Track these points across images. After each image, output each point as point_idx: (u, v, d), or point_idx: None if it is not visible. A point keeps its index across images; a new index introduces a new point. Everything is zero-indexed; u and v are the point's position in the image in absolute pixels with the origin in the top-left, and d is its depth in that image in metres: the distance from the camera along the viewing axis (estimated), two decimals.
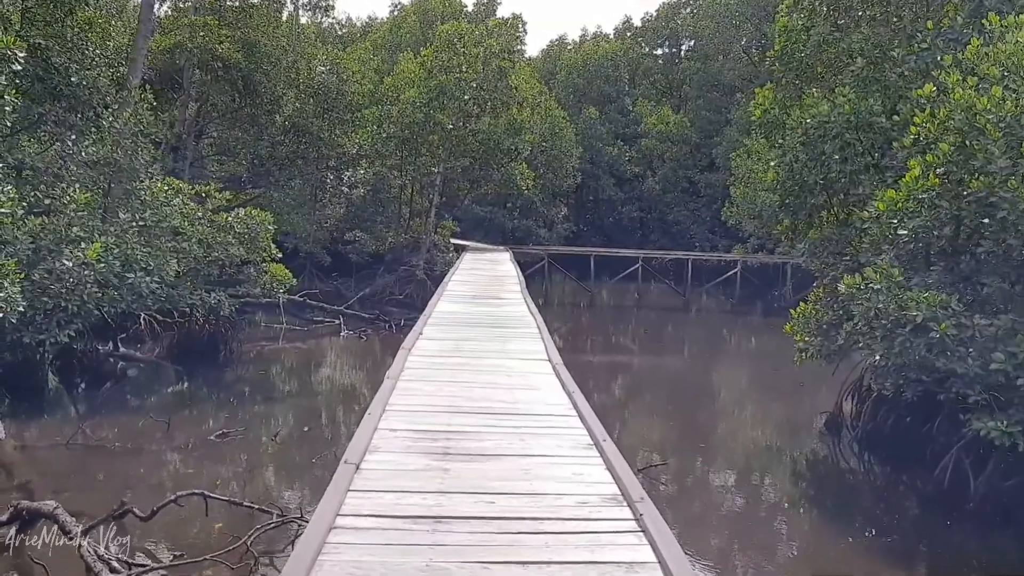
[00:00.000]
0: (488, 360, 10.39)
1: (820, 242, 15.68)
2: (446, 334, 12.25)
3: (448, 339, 11.86)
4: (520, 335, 12.39)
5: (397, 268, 32.68)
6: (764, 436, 16.91)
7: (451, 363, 10.08)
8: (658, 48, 60.10)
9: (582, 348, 28.97)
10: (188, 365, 19.96)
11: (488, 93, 31.28)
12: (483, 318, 14.12)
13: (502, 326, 13.32)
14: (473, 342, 11.73)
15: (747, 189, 39.97)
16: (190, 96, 29.21)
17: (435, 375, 9.24)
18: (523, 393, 8.57)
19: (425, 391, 8.38)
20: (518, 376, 9.47)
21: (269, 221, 21.47)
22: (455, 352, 10.87)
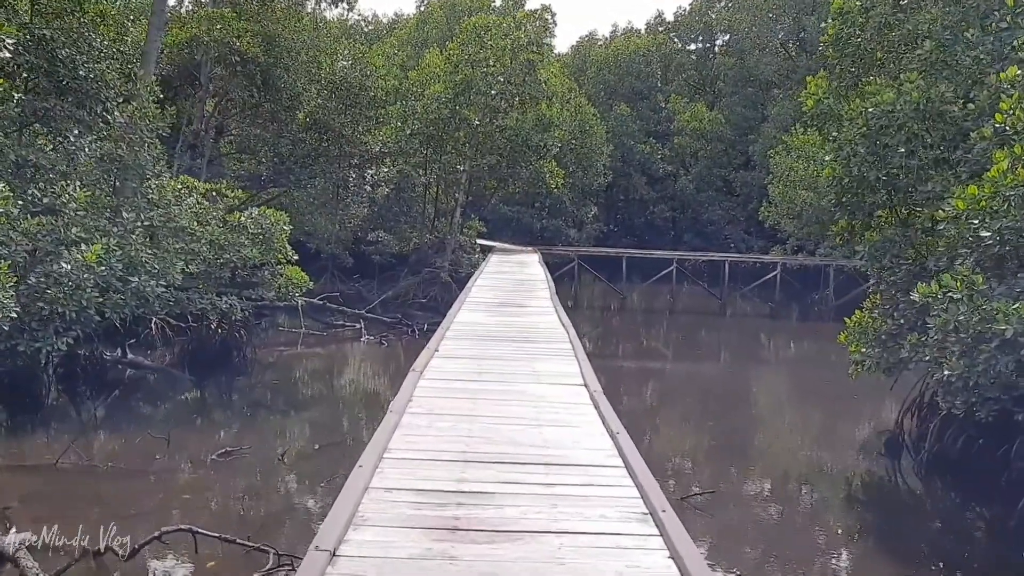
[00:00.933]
0: (513, 386, 8.95)
1: (881, 244, 14.22)
2: (465, 351, 10.84)
3: (467, 357, 10.44)
4: (551, 352, 10.94)
5: (421, 270, 31.51)
6: (816, 456, 15.49)
7: (469, 390, 8.64)
8: (691, 43, 58.49)
9: (613, 353, 27.62)
10: (200, 372, 18.95)
11: (516, 87, 30.00)
12: (508, 331, 12.63)
13: (530, 340, 11.85)
14: (496, 362, 10.25)
15: (786, 188, 38.43)
16: (208, 92, 28.19)
17: (449, 406, 7.82)
18: (555, 432, 7.08)
19: (435, 430, 6.94)
20: (549, 408, 7.98)
21: (285, 221, 20.37)
22: (474, 375, 9.43)
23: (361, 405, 17.66)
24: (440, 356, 10.28)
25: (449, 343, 11.22)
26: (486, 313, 14.17)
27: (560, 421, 7.44)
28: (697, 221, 51.42)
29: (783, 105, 48.81)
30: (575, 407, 8.00)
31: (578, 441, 6.82)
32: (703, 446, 15.96)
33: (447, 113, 29.89)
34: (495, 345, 11.32)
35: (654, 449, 15.18)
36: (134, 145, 17.26)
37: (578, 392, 8.65)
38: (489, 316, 13.87)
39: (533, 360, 10.25)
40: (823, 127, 15.86)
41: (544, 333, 12.44)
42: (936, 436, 14.18)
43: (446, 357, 10.28)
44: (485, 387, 8.75)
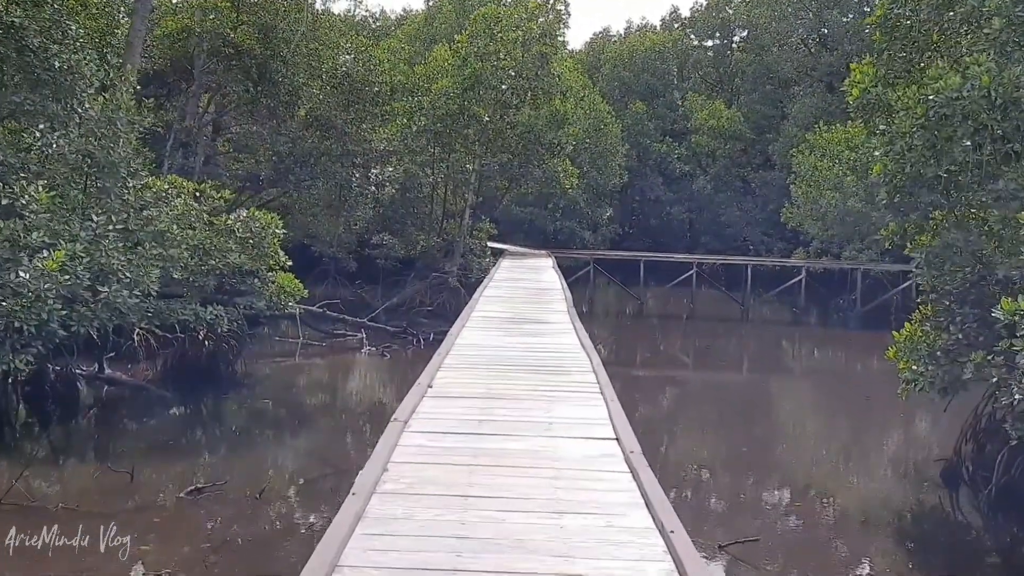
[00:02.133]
0: (524, 442, 6.84)
1: (940, 250, 12.52)
2: (465, 387, 8.82)
3: (467, 396, 8.44)
4: (571, 390, 8.77)
5: (428, 275, 29.94)
6: (866, 488, 13.78)
7: (466, 451, 6.53)
8: (708, 39, 56.70)
9: (630, 361, 25.97)
10: (185, 388, 17.42)
11: (528, 82, 28.38)
12: (519, 357, 10.53)
13: (545, 370, 9.75)
14: (503, 403, 8.17)
15: (809, 188, 36.73)
16: (201, 86, 26.69)
17: (436, 480, 5.76)
18: (581, 526, 4.94)
19: (413, 525, 4.84)
20: (571, 481, 5.84)
21: (277, 224, 18.81)
22: (474, 425, 7.30)
23: (355, 429, 16.05)
24: (433, 395, 8.32)
25: (446, 375, 9.28)
26: (494, 332, 12.33)
27: (587, 504, 5.37)
28: (715, 223, 49.64)
29: (804, 103, 47.11)
30: (606, 479, 5.99)
31: (613, 535, 4.80)
32: (737, 477, 14.30)
33: (455, 109, 28.32)
34: (503, 378, 9.28)
35: (682, 478, 13.54)
36: (108, 141, 15.72)
37: (608, 452, 6.57)
38: (497, 336, 11.97)
39: (551, 402, 8.25)
40: (870, 119, 14.16)
41: (562, 360, 10.41)
42: (1004, 467, 12.50)
43: (440, 396, 8.32)
44: (487, 446, 6.71)
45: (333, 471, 12.65)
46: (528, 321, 13.29)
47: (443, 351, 10.30)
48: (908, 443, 16.67)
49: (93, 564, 8.88)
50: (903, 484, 13.94)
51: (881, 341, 30.66)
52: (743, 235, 48.17)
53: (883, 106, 13.69)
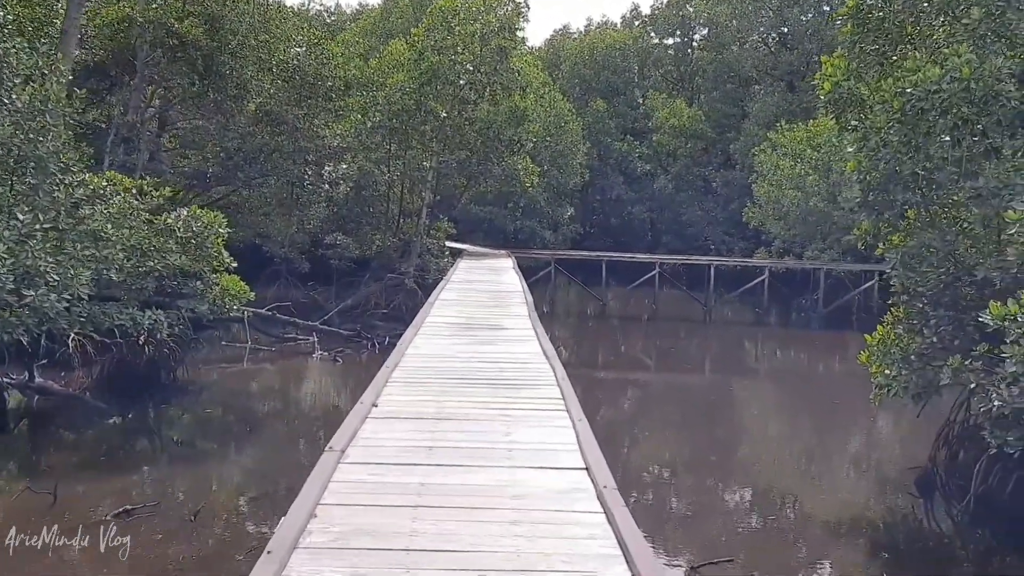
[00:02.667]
0: (480, 475, 5.81)
1: (917, 251, 11.97)
2: (414, 405, 7.72)
3: (416, 417, 7.29)
4: (533, 407, 7.69)
5: (384, 275, 28.98)
6: (839, 496, 13.17)
7: (411, 488, 5.49)
8: (668, 37, 56.28)
9: (592, 363, 25.32)
10: (122, 398, 16.39)
11: (486, 76, 27.56)
12: (475, 370, 9.40)
13: (504, 384, 8.66)
14: (456, 425, 7.09)
15: (771, 187, 36.41)
16: (144, 79, 25.48)
17: (374, 525, 4.78)
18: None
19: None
20: (532, 522, 4.91)
21: (221, 223, 17.85)
22: (423, 455, 6.18)
23: (302, 441, 15.09)
24: (376, 416, 7.17)
25: (394, 392, 8.20)
26: (449, 339, 11.26)
27: (554, 559, 4.42)
28: (676, 222, 49.24)
29: (765, 101, 46.93)
30: (577, 522, 4.97)
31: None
32: (703, 485, 13.67)
33: (412, 104, 27.41)
34: (457, 394, 8.20)
35: (646, 485, 12.85)
36: (36, 134, 14.62)
37: (578, 485, 5.62)
38: (452, 344, 10.96)
39: (510, 423, 7.19)
40: (841, 115, 13.55)
41: (523, 373, 9.33)
42: (982, 476, 11.99)
43: (386, 418, 7.19)
44: (436, 480, 5.65)
45: (276, 488, 11.75)
46: (486, 327, 12.35)
47: (391, 363, 9.28)
48: (879, 450, 16.17)
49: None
50: (876, 493, 13.40)
51: (844, 342, 30.65)
52: (704, 235, 47.82)
53: (855, 100, 13.10)
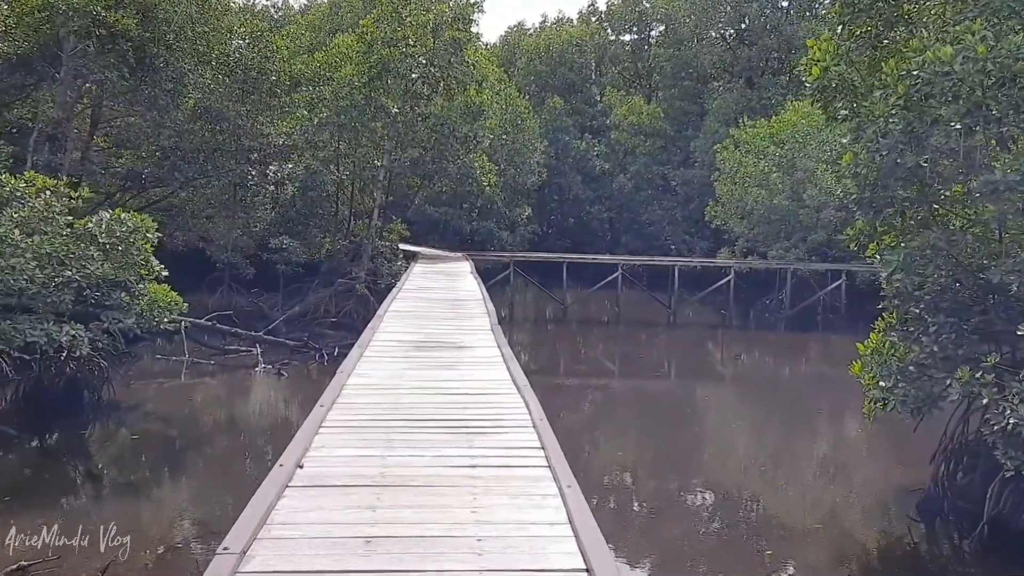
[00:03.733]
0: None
1: (920, 252, 10.80)
2: (352, 464, 5.89)
3: (353, 484, 5.49)
4: (508, 464, 5.86)
5: (334, 280, 27.37)
6: (832, 523, 11.96)
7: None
8: (625, 34, 55.27)
9: (553, 369, 24.01)
10: (36, 422, 14.71)
11: (440, 70, 26.09)
12: (432, 407, 7.52)
13: (468, 428, 6.75)
14: (405, 498, 5.30)
15: (734, 185, 35.47)
16: (70, 72, 23.56)
17: None
18: None
19: None
20: None
21: (150, 227, 16.19)
22: (356, 548, 4.44)
23: (233, 474, 13.43)
24: (299, 485, 5.34)
25: (328, 441, 6.29)
26: (400, 363, 9.40)
27: None
28: (636, 222, 48.18)
29: (725, 98, 46.05)
30: None
31: None
32: (677, 504, 12.41)
33: (361, 100, 25.85)
34: (407, 444, 6.35)
35: (621, 516, 11.52)
36: None
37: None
38: (405, 369, 9.10)
39: (477, 492, 5.37)
40: (830, 104, 12.36)
41: (491, 410, 7.40)
42: (995, 499, 10.88)
43: (312, 486, 5.37)
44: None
45: (202, 534, 10.20)
46: (444, 346, 10.59)
47: (327, 400, 7.39)
48: (870, 467, 15.02)
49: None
50: (871, 518, 12.20)
51: (813, 343, 29.73)
52: (664, 234, 46.82)
53: (847, 87, 11.93)
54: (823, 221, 32.24)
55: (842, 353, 28.63)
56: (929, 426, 12.13)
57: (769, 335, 31.15)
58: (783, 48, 45.45)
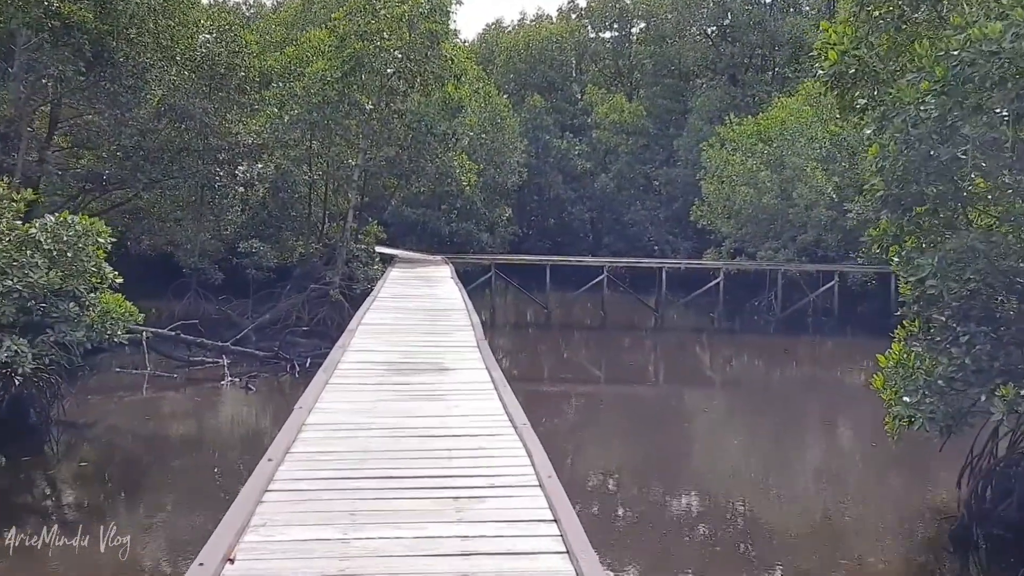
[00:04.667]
0: None
1: (958, 255, 9.71)
2: (306, 554, 4.36)
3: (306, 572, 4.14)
4: (512, 550, 4.38)
5: (307, 286, 26.04)
6: (857, 555, 10.82)
7: None
8: (606, 31, 54.18)
9: (538, 377, 22.82)
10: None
11: (416, 64, 24.83)
12: (409, 455, 6.12)
13: (457, 488, 5.34)
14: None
15: (721, 184, 34.46)
16: (23, 67, 22.12)
17: None
18: None
19: None
20: None
21: (102, 232, 14.84)
22: None
23: (190, 506, 12.06)
24: (238, 572, 4.05)
25: (272, 514, 4.84)
26: (372, 392, 7.87)
27: None
28: (618, 222, 47.08)
29: (708, 95, 45.07)
30: None
31: None
32: (678, 524, 11.27)
33: (334, 96, 24.54)
34: (376, 518, 4.85)
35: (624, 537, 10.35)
36: None
37: None
38: (376, 401, 7.58)
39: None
40: (847, 93, 11.26)
41: (485, 461, 5.97)
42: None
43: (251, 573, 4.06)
44: None
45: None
46: (424, 368, 8.99)
47: (278, 451, 5.80)
48: (889, 487, 13.90)
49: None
50: (903, 550, 11.07)
51: (805, 347, 28.71)
52: (647, 235, 45.75)
53: (867, 73, 10.83)
54: (813, 220, 31.27)
55: (838, 358, 27.91)
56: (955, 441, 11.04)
57: (759, 339, 30.11)
58: (767, 44, 44.59)
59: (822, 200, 30.91)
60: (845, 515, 12.32)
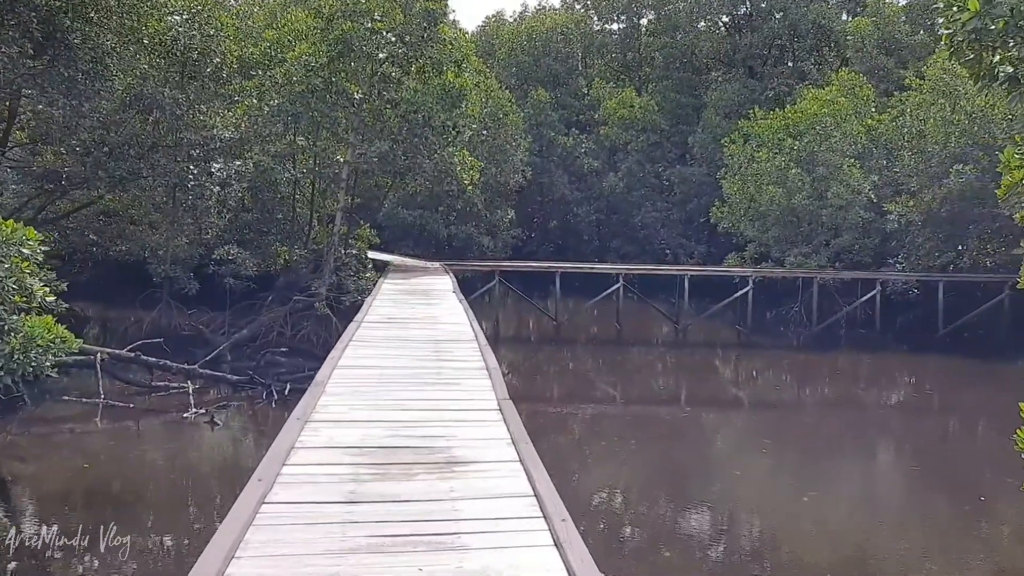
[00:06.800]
0: None
1: None
2: None
3: None
4: None
5: (291, 297, 23.23)
6: None
7: None
8: (612, 23, 51.33)
9: (546, 396, 19.99)
10: None
11: (411, 48, 22.02)
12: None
13: None
14: None
15: (745, 183, 31.67)
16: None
17: None
18: None
19: None
20: None
21: (28, 240, 12.04)
22: None
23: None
24: None
25: None
26: (334, 527, 4.54)
27: None
28: (627, 224, 44.20)
29: (725, 89, 42.24)
30: None
31: None
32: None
33: (319, 84, 21.75)
34: None
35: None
36: None
37: None
38: (340, 551, 4.22)
39: None
40: (979, 58, 8.46)
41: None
42: None
43: None
44: None
45: None
46: (421, 463, 5.71)
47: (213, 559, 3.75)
48: (938, 519, 11.53)
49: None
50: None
51: (847, 365, 25.91)
52: (659, 238, 42.88)
53: (1014, 31, 8.04)
54: (849, 222, 28.50)
55: (878, 374, 25.06)
56: None
57: (793, 354, 27.27)
58: (787, 34, 41.75)
59: (858, 200, 28.17)
60: (882, 547, 10.75)
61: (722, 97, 41.27)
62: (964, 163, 26.00)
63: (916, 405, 21.59)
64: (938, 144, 27.07)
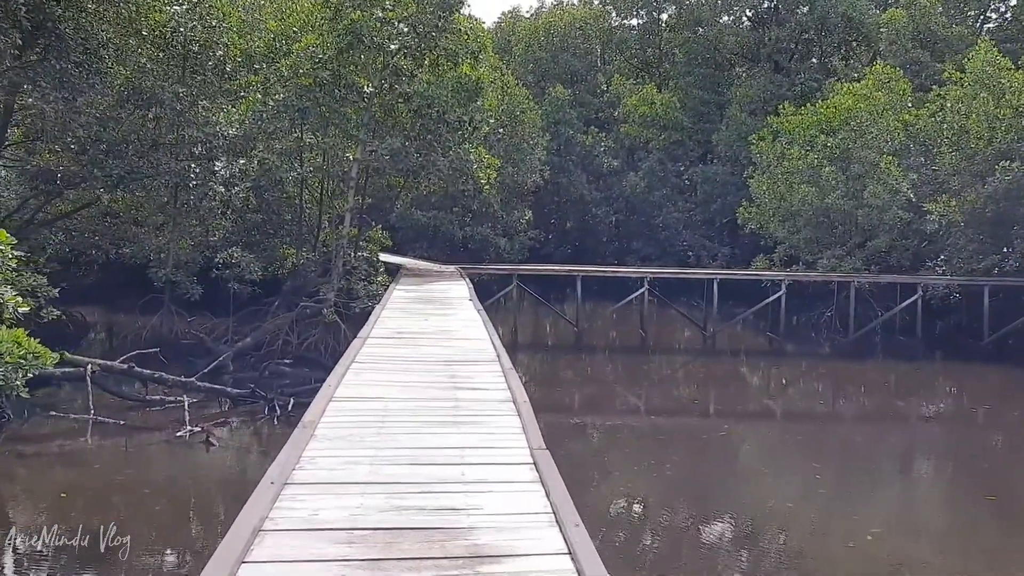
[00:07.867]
0: None
1: None
2: None
3: None
4: None
5: (298, 303, 21.96)
6: None
7: None
8: (632, 18, 49.88)
9: (567, 406, 18.60)
10: None
11: (425, 39, 20.71)
12: None
13: None
14: None
15: (774, 183, 30.18)
16: None
17: None
18: None
19: None
20: None
21: (2, 245, 10.87)
22: None
23: None
24: None
25: None
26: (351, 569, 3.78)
27: None
28: (648, 225, 42.73)
29: (750, 85, 40.74)
30: None
31: None
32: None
33: (327, 77, 20.44)
34: None
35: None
36: None
37: None
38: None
39: None
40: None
41: None
42: None
43: None
44: None
45: None
46: (436, 505, 4.80)
47: None
48: (982, 539, 10.33)
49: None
50: None
51: (890, 375, 24.29)
52: (681, 239, 41.36)
53: None
54: (887, 223, 26.97)
55: (919, 385, 23.51)
56: None
57: (832, 363, 25.73)
58: (815, 28, 40.16)
59: (897, 200, 26.64)
60: (919, 568, 10.02)
61: (747, 94, 39.78)
62: (1010, 160, 24.54)
63: (960, 418, 20.13)
64: (982, 140, 25.61)
